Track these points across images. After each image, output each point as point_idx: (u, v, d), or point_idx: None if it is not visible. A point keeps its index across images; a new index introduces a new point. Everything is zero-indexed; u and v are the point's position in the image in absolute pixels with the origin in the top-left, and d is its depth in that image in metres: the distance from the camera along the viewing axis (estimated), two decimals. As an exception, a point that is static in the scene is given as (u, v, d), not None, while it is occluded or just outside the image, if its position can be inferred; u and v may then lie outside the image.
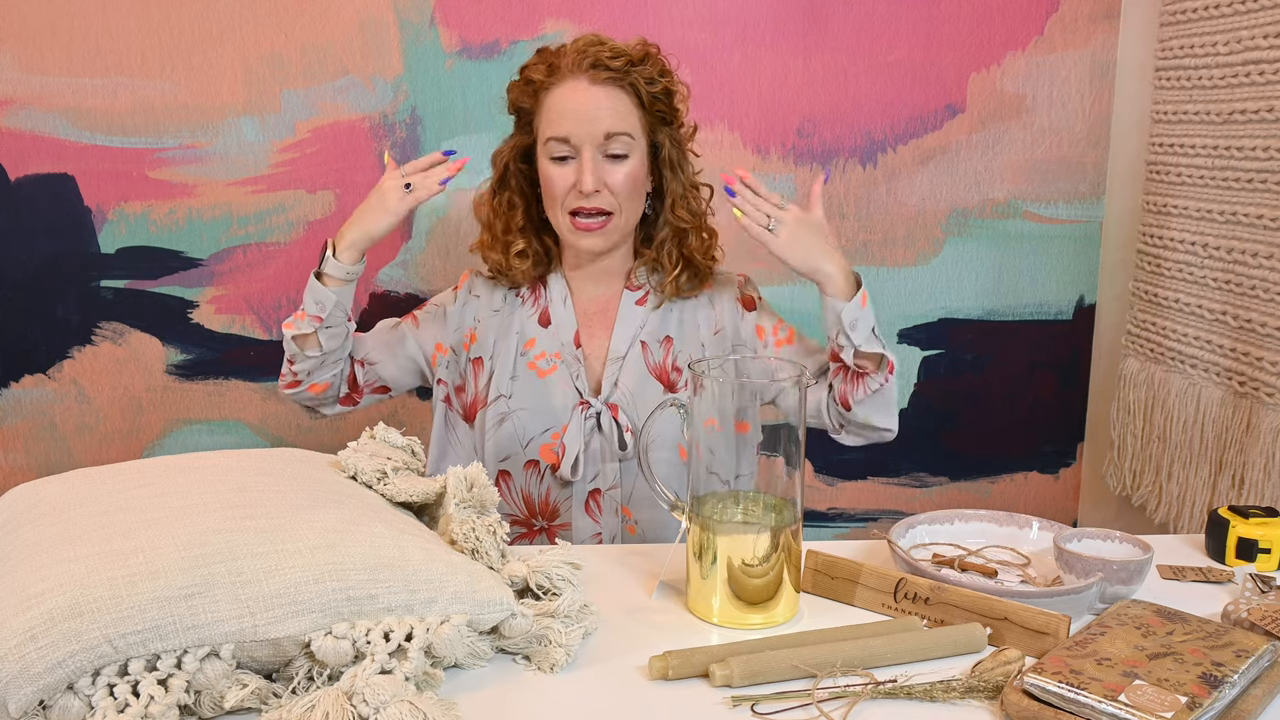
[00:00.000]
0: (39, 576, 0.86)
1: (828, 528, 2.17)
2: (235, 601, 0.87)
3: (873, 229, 2.06)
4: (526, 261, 1.47)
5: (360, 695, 0.84)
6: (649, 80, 1.39)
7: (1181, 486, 1.83)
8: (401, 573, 0.92)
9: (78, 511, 0.96)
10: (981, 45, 2.00)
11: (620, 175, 1.39)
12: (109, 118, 1.94)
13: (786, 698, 0.90)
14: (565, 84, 1.38)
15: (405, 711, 0.83)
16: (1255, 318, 1.66)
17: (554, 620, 0.99)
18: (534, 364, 1.46)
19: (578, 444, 1.40)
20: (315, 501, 0.99)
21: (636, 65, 1.39)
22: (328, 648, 0.88)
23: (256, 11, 1.91)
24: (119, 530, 0.91)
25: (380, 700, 0.84)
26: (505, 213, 1.47)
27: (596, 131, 1.37)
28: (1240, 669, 0.89)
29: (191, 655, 0.85)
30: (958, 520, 1.23)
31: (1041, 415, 2.17)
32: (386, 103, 1.96)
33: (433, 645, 0.91)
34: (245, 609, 0.87)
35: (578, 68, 1.38)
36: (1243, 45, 1.66)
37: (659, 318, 1.48)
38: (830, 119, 2.02)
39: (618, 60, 1.37)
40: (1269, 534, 1.18)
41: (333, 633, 0.89)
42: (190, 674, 0.85)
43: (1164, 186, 1.87)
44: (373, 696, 0.84)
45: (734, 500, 1.07)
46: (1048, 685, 0.86)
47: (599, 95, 1.37)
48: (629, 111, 1.39)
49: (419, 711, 0.83)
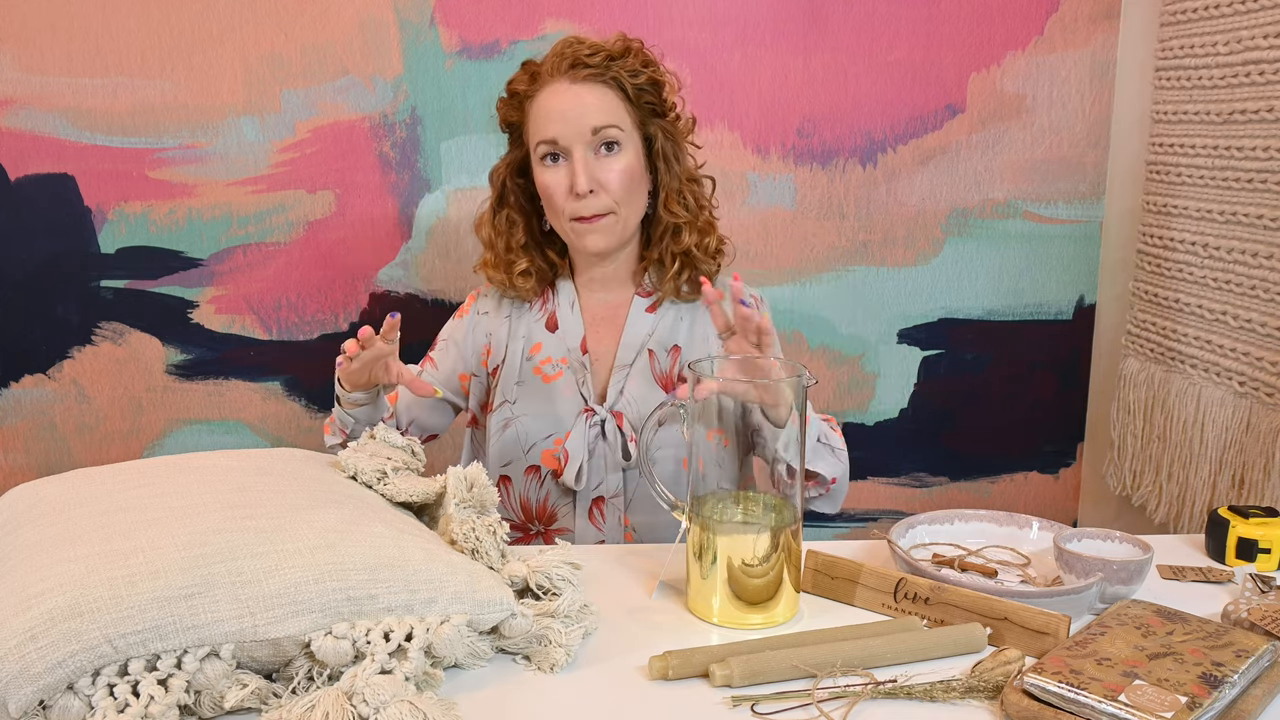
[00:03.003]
0: (39, 576, 0.86)
1: (828, 528, 2.17)
2: (235, 601, 0.87)
3: (873, 229, 2.06)
4: (530, 280, 1.46)
5: (360, 695, 0.85)
6: (632, 73, 1.37)
7: (1181, 486, 1.83)
8: (401, 573, 0.93)
9: (78, 511, 0.96)
10: (981, 45, 2.00)
11: (615, 171, 1.37)
12: (109, 118, 1.94)
13: (786, 698, 0.90)
14: (547, 88, 1.38)
15: (405, 711, 0.83)
16: (1255, 318, 1.66)
17: (554, 620, 0.99)
18: (539, 369, 1.45)
19: (581, 452, 1.39)
20: (315, 501, 0.99)
21: (616, 59, 1.37)
22: (328, 648, 0.88)
23: (256, 11, 1.91)
24: (119, 530, 0.91)
25: (380, 700, 0.84)
26: (506, 231, 1.46)
27: (583, 128, 1.35)
28: (1240, 669, 0.89)
29: (191, 655, 0.85)
30: (958, 520, 1.23)
31: (1041, 415, 2.17)
32: (386, 103, 1.96)
33: (433, 645, 0.91)
34: (245, 609, 0.87)
35: (557, 70, 1.37)
36: (1243, 45, 1.66)
37: (669, 326, 1.46)
38: (830, 119, 2.02)
39: (596, 56, 1.36)
40: (1269, 534, 1.18)
41: (333, 633, 0.89)
42: (190, 674, 0.85)
43: (1164, 186, 1.87)
44: (373, 696, 0.84)
45: (734, 500, 1.07)
46: (1048, 685, 0.86)
47: (581, 93, 1.36)
48: (615, 106, 1.37)
49: (419, 711, 0.83)
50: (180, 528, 0.91)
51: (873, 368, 2.12)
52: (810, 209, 2.04)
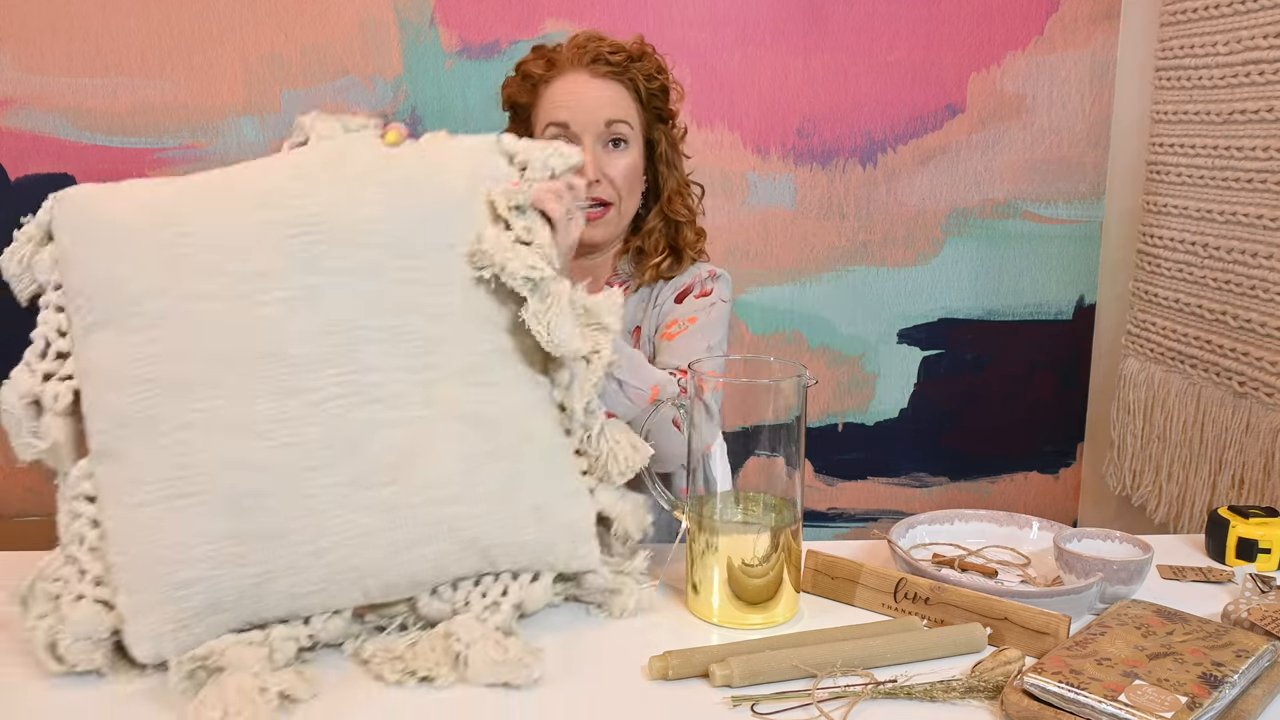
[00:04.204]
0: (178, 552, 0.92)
1: (828, 528, 2.17)
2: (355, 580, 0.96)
3: (873, 229, 2.06)
4: None
5: (455, 635, 0.94)
6: (648, 77, 1.40)
7: (1181, 486, 1.83)
8: (515, 549, 1.00)
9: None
10: (981, 45, 2.01)
11: (621, 166, 1.39)
12: (109, 118, 1.94)
13: (786, 698, 0.90)
14: (565, 76, 1.39)
15: (492, 646, 0.93)
16: (1255, 318, 1.66)
17: (627, 577, 1.08)
18: None
19: None
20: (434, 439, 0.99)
21: (635, 61, 1.39)
22: (434, 607, 0.98)
23: (256, 11, 1.91)
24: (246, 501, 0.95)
25: (471, 638, 0.94)
26: None
27: (597, 119, 1.37)
28: (1240, 669, 0.89)
29: (319, 617, 0.96)
30: (958, 520, 1.23)
31: (1041, 415, 2.17)
32: (386, 103, 1.96)
33: (523, 601, 1.00)
34: (364, 594, 0.97)
35: (578, 61, 1.38)
36: (1243, 45, 1.66)
37: (631, 310, 1.46)
38: (830, 119, 2.02)
39: (618, 55, 1.38)
40: (1269, 534, 1.18)
41: (438, 595, 0.99)
42: (315, 630, 0.96)
43: (1164, 186, 1.87)
44: (465, 635, 0.94)
45: (734, 500, 1.07)
46: (1048, 685, 0.86)
47: (600, 87, 1.38)
48: (628, 105, 1.39)
49: (504, 647, 0.93)
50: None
51: (873, 368, 2.12)
52: (810, 209, 2.04)
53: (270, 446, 0.93)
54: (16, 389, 0.97)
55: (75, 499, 0.96)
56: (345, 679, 0.94)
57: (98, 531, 0.94)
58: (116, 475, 0.94)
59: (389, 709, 0.90)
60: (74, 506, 0.95)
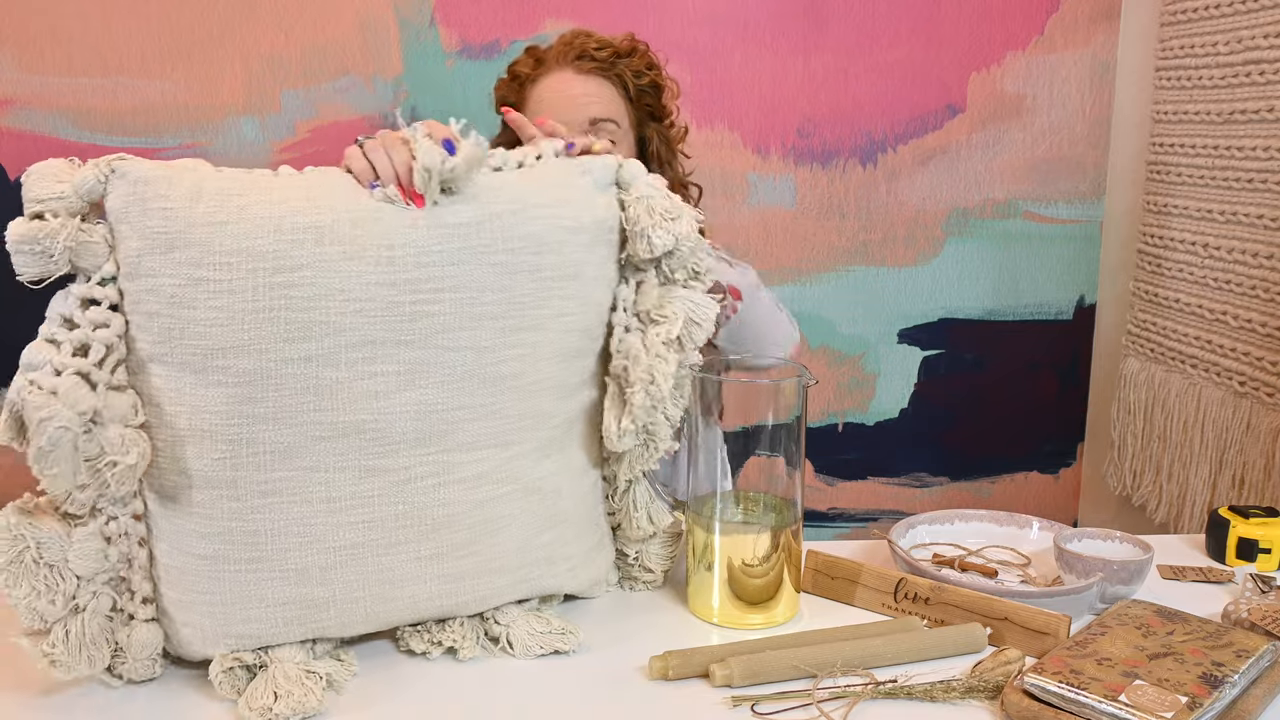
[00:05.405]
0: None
1: (828, 528, 2.17)
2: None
3: (873, 229, 2.06)
4: None
5: (492, 619, 0.99)
6: (636, 73, 1.38)
7: (1181, 486, 1.83)
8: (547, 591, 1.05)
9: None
10: (981, 45, 2.00)
11: None
12: (109, 118, 1.94)
13: (786, 698, 0.90)
14: (551, 75, 1.38)
15: (533, 619, 0.98)
16: (1255, 318, 1.66)
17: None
18: None
19: None
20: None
21: (623, 57, 1.38)
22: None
23: (256, 11, 1.91)
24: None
25: (510, 619, 0.99)
26: None
27: (581, 118, 1.36)
28: (1240, 669, 0.89)
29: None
30: (958, 520, 1.23)
31: (1041, 415, 2.17)
32: (386, 103, 1.96)
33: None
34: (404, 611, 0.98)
35: (564, 59, 1.38)
36: (1243, 45, 1.66)
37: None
38: (830, 119, 2.02)
39: (603, 51, 1.37)
40: (1269, 534, 1.18)
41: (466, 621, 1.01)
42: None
43: (1164, 186, 1.87)
44: (503, 618, 0.99)
45: (734, 500, 1.07)
46: (1048, 685, 0.86)
47: (585, 84, 1.37)
48: (615, 102, 1.38)
49: (546, 619, 0.99)
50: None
51: (873, 368, 2.12)
52: (810, 209, 2.04)
53: (349, 524, 0.91)
54: (73, 404, 0.83)
55: (123, 518, 0.90)
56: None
57: (145, 551, 0.91)
58: (182, 524, 0.90)
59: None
60: (123, 525, 0.90)
